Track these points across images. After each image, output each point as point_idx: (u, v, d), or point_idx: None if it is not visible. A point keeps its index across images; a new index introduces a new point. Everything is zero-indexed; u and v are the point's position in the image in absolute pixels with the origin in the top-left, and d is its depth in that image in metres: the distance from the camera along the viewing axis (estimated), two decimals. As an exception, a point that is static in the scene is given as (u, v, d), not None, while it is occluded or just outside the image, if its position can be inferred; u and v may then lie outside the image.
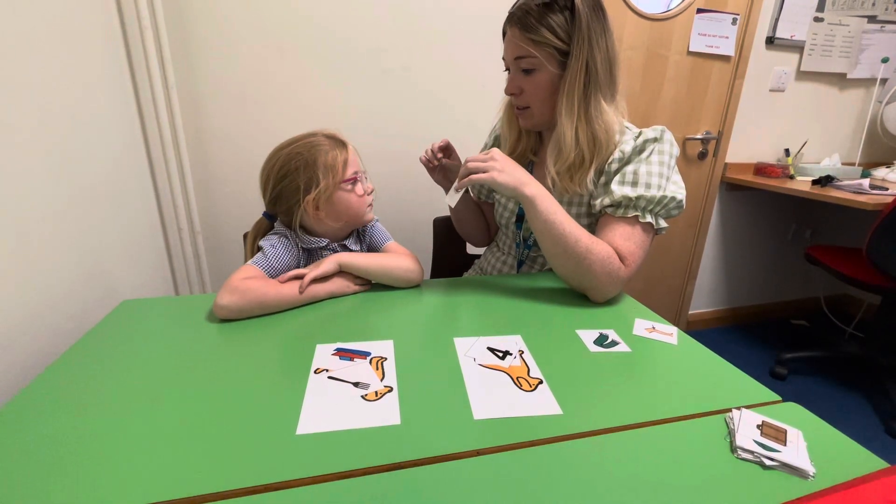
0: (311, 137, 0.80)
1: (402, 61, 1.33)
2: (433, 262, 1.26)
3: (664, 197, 0.75)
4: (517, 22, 0.76)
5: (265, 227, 0.85)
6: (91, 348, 0.60)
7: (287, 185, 0.78)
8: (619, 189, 0.76)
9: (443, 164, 0.94)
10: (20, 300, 0.64)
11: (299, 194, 0.77)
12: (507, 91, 0.83)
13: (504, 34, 0.81)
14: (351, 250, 0.87)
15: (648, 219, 0.75)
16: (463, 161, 0.75)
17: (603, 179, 0.80)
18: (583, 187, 0.80)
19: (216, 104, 1.21)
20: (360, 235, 0.91)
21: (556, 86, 0.78)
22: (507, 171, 0.72)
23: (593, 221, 0.83)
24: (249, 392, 0.51)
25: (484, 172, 0.71)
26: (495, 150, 0.74)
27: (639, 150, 0.77)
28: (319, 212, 0.79)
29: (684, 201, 0.77)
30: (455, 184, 0.75)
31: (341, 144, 0.81)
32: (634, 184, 0.75)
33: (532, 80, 0.79)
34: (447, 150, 0.95)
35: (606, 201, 0.77)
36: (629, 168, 0.76)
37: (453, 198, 0.79)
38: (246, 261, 0.82)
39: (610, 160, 0.79)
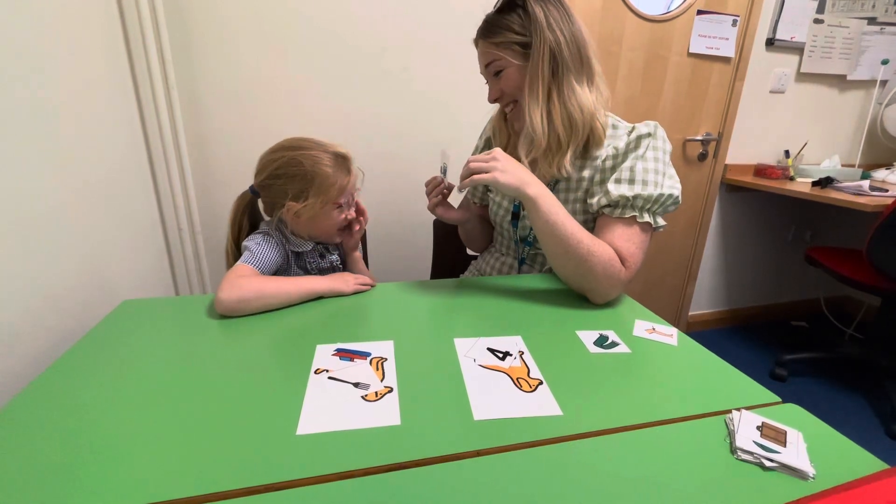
0: (320, 150, 0.80)
1: (401, 62, 1.33)
2: (433, 263, 1.26)
3: (661, 195, 0.74)
4: (481, 33, 0.81)
5: (248, 199, 0.86)
6: (91, 348, 0.60)
7: (278, 184, 0.80)
8: (615, 188, 0.76)
9: (445, 196, 0.89)
10: (20, 300, 0.64)
11: (286, 198, 0.79)
12: (490, 99, 0.86)
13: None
14: (332, 251, 0.91)
15: (647, 218, 0.75)
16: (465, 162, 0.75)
17: (598, 177, 0.80)
18: (561, 171, 0.80)
19: (216, 104, 1.21)
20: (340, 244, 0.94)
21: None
22: (509, 171, 0.72)
23: (589, 219, 0.83)
24: (250, 392, 0.51)
25: (486, 172, 0.71)
26: (497, 149, 0.74)
27: (633, 147, 0.77)
28: (298, 219, 0.82)
29: (680, 196, 0.77)
30: (457, 184, 0.75)
31: (345, 170, 0.82)
32: (631, 181, 0.75)
33: (504, 80, 0.81)
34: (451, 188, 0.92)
35: (603, 201, 0.77)
36: (625, 165, 0.76)
37: (455, 198, 0.79)
38: (228, 235, 0.85)
39: (604, 157, 0.79)
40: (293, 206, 0.79)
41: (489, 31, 0.79)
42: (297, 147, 0.80)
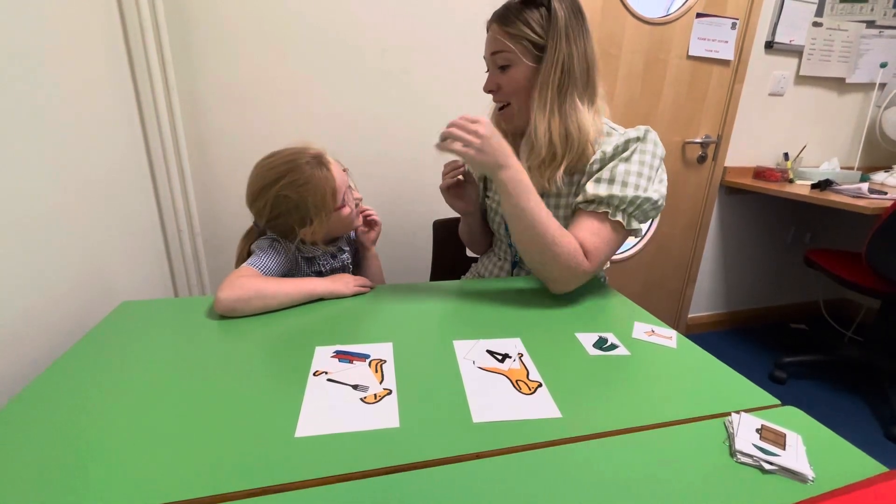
0: (295, 172, 0.77)
1: (402, 63, 1.33)
2: (432, 265, 1.26)
3: (637, 197, 0.74)
4: (497, 18, 0.79)
5: (256, 234, 0.86)
6: (90, 349, 0.60)
7: (280, 223, 0.80)
8: (592, 188, 0.76)
9: (460, 182, 0.90)
10: (20, 300, 0.64)
11: (295, 231, 0.80)
12: (485, 88, 0.84)
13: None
14: (343, 250, 0.91)
15: (619, 217, 0.75)
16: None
17: (585, 180, 0.80)
18: (551, 184, 0.79)
19: (216, 105, 1.21)
20: (349, 238, 0.94)
21: (532, 81, 0.78)
22: (486, 151, 0.69)
23: (570, 215, 0.83)
24: (248, 394, 0.51)
25: (466, 146, 0.68)
26: (486, 122, 0.70)
27: (621, 150, 0.77)
28: (316, 237, 0.82)
29: (662, 202, 0.76)
30: (437, 143, 0.71)
31: (326, 170, 0.80)
32: (610, 181, 0.75)
33: (508, 76, 0.80)
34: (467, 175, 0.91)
35: (580, 198, 0.78)
36: (608, 166, 0.77)
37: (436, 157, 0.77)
38: (236, 265, 0.84)
39: (592, 161, 0.79)
40: (305, 232, 0.79)
41: (506, 18, 0.77)
42: (275, 181, 0.77)
